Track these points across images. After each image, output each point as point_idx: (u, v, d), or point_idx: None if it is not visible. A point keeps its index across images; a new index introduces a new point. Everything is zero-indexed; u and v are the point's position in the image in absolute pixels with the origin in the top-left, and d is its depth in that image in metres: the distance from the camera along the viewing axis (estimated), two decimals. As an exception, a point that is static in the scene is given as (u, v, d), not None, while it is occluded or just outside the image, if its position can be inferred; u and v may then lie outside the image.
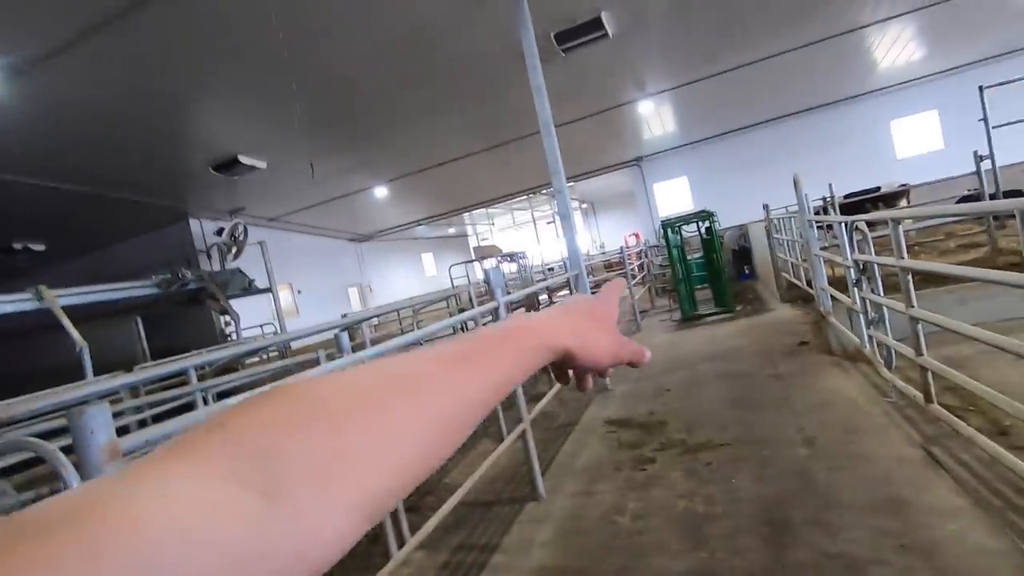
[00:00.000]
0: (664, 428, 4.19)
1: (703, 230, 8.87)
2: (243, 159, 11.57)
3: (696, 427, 4.07)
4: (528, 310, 11.22)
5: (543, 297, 13.00)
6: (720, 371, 5.45)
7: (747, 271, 12.52)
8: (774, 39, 11.09)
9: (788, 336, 6.24)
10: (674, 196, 17.52)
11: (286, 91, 8.58)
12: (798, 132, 15.67)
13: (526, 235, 30.70)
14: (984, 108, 7.29)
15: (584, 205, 28.24)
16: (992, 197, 7.20)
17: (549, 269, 16.28)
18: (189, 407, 4.75)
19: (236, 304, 11.68)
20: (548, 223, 29.24)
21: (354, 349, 3.22)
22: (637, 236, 18.13)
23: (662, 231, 9.17)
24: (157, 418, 5.22)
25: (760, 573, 2.29)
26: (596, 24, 9.19)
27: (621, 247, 12.42)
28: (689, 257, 9.09)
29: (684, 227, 9.15)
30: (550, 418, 5.00)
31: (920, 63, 13.81)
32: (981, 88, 7.45)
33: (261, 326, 13.24)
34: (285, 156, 11.93)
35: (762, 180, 14.71)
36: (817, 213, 6.47)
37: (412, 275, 26.68)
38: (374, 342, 7.37)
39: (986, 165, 7.24)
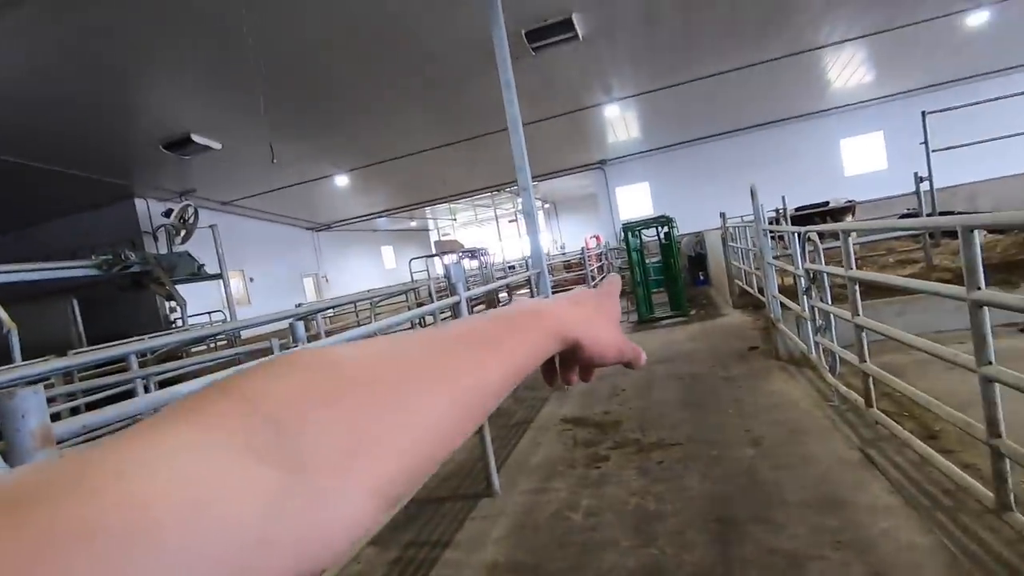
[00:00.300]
0: (618, 427, 4.25)
1: (662, 235, 9.07)
2: (196, 138, 11.09)
3: (649, 427, 4.15)
4: (488, 307, 11.26)
5: (503, 295, 13.03)
6: (674, 373, 5.58)
7: (702, 277, 12.88)
8: (737, 54, 11.45)
9: (739, 341, 6.46)
10: (635, 201, 17.85)
11: (246, 70, 8.27)
12: (755, 145, 16.24)
13: (488, 232, 30.67)
14: (925, 132, 7.73)
15: (547, 205, 28.43)
16: (930, 217, 7.65)
17: (510, 267, 16.32)
18: (128, 395, 4.52)
19: (183, 290, 11.19)
20: (511, 221, 29.30)
21: (309, 340, 3.13)
22: (598, 238, 18.39)
23: (623, 234, 9.33)
24: (92, 406, 4.94)
25: (707, 568, 2.35)
26: (567, 25, 9.25)
27: (582, 248, 12.56)
28: (648, 261, 9.27)
29: (644, 231, 9.34)
30: (507, 415, 5.00)
31: (869, 86, 14.54)
32: (924, 113, 7.90)
33: (209, 313, 12.73)
34: (242, 138, 11.50)
35: (719, 189, 15.17)
36: (770, 224, 6.71)
37: (371, 267, 26.21)
38: (329, 333, 7.20)
39: (925, 186, 7.69)
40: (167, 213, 12.50)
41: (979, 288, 1.88)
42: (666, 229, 8.99)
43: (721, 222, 9.12)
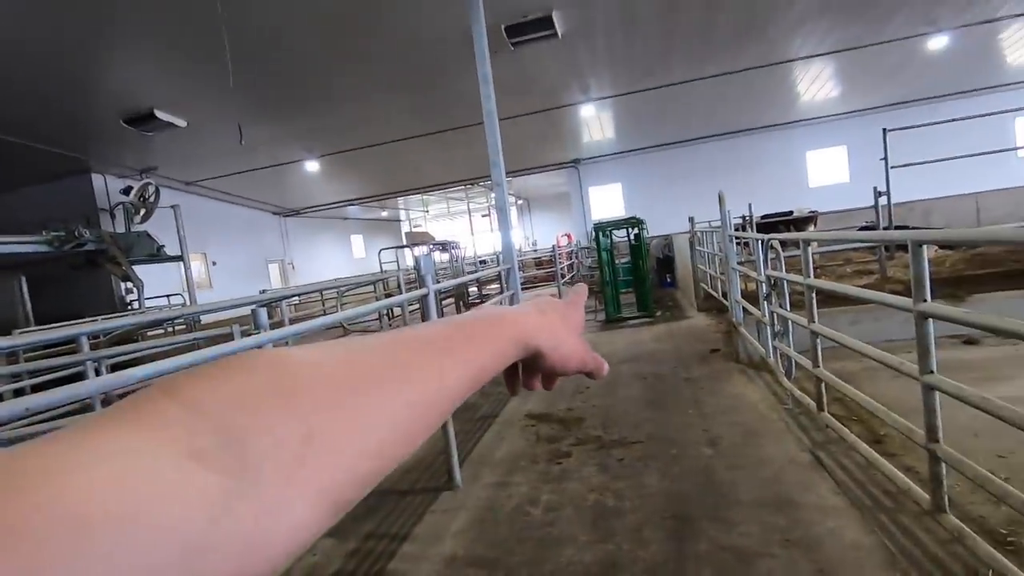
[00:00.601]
0: (581, 424, 4.31)
1: (632, 236, 9.19)
2: (160, 115, 10.69)
3: (612, 424, 4.22)
4: (458, 300, 11.19)
5: (473, 289, 13.01)
6: (637, 372, 5.68)
7: (669, 279, 13.12)
8: (712, 62, 11.67)
9: (701, 343, 6.61)
10: (607, 201, 18.04)
11: (216, 46, 8.00)
12: (725, 152, 16.61)
13: (460, 225, 30.54)
14: (886, 149, 8.05)
15: (520, 201, 28.47)
16: (885, 230, 7.97)
17: (481, 261, 16.29)
18: (78, 377, 4.34)
19: (141, 271, 10.79)
20: (483, 216, 29.24)
21: (272, 327, 3.07)
22: (569, 237, 18.53)
23: (594, 234, 9.42)
24: (38, 388, 4.73)
25: (661, 564, 2.41)
26: (547, 22, 9.26)
27: (553, 246, 12.63)
28: (617, 261, 9.39)
29: (615, 232, 9.44)
30: (472, 409, 5.01)
31: (835, 101, 15.02)
32: (885, 131, 8.21)
33: (168, 296, 12.33)
34: (209, 117, 11.14)
35: (689, 193, 15.46)
36: (737, 230, 6.89)
37: (339, 256, 25.79)
38: (293, 321, 7.06)
39: (883, 201, 8.00)
40: (126, 190, 12.01)
41: (925, 300, 1.98)
42: (636, 231, 9.12)
43: (689, 226, 9.30)
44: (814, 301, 3.09)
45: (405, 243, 21.40)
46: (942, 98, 14.38)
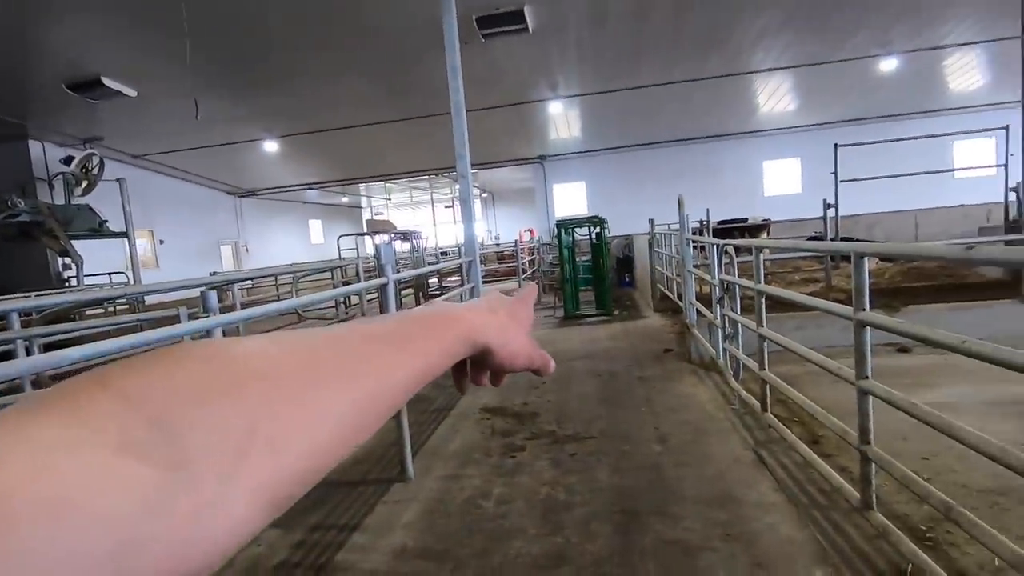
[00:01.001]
0: (536, 419, 4.35)
1: (594, 235, 9.31)
2: (108, 82, 10.11)
3: (565, 420, 4.27)
4: (417, 291, 11.04)
5: (433, 280, 12.91)
6: (593, 369, 5.77)
7: (628, 279, 13.36)
8: (678, 68, 11.92)
9: (656, 343, 6.77)
10: (571, 199, 18.20)
11: (174, 18, 7.62)
12: (686, 157, 17.01)
13: (423, 215, 30.21)
14: (836, 163, 8.42)
15: (485, 194, 28.38)
16: (831, 241, 8.35)
17: (443, 253, 16.17)
18: (6, 357, 4.09)
19: (81, 247, 10.22)
20: (447, 207, 29.02)
21: (222, 311, 2.96)
22: (532, 232, 18.62)
23: (556, 231, 9.49)
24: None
25: (608, 557, 2.47)
26: (518, 16, 9.24)
27: (516, 241, 12.65)
28: (578, 259, 9.50)
29: (577, 230, 9.54)
30: (426, 401, 4.98)
31: (792, 115, 15.60)
32: (836, 146, 8.59)
33: (110, 274, 11.72)
34: (162, 88, 10.61)
35: (651, 196, 15.77)
36: (694, 234, 7.08)
37: (297, 240, 25.10)
38: (245, 306, 6.83)
39: (831, 212, 8.38)
40: (67, 160, 11.33)
41: (864, 309, 2.09)
42: (598, 229, 9.24)
43: (649, 228, 9.50)
44: (763, 306, 3.22)
45: (366, 230, 21.02)
46: (891, 118, 15.14)
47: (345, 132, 14.39)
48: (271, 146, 15.47)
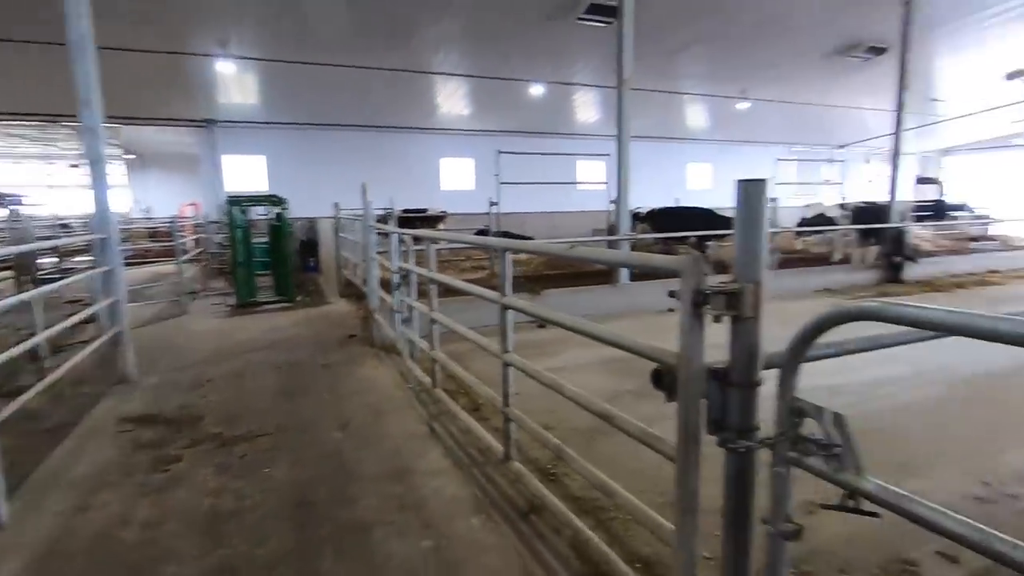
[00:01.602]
0: (198, 423, 3.82)
1: (274, 215, 8.62)
2: None
3: (237, 419, 3.88)
4: (19, 275, 8.34)
5: (47, 260, 9.96)
6: (273, 360, 5.38)
7: (312, 263, 12.84)
8: (361, 52, 11.89)
9: (340, 328, 6.72)
10: (248, 173, 16.37)
11: None
12: (372, 144, 17.18)
13: (34, 173, 22.83)
14: (498, 167, 9.79)
15: (132, 156, 23.05)
16: (494, 234, 9.71)
17: (63, 225, 12.55)
18: None
19: None
20: (72, 166, 22.58)
21: None
22: (196, 206, 16.06)
23: (227, 207, 8.43)
24: None
25: (283, 557, 2.36)
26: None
27: (174, 216, 10.75)
28: (254, 241, 8.64)
29: (253, 208, 8.67)
30: (35, 419, 3.84)
31: (467, 119, 17.39)
32: (499, 152, 9.98)
33: None
34: None
35: (336, 179, 15.42)
36: (378, 221, 7.26)
37: None
38: None
39: (495, 209, 9.73)
40: None
41: (505, 295, 2.51)
42: (278, 209, 8.59)
43: (335, 212, 9.31)
44: (435, 292, 3.53)
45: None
46: (540, 134, 18.30)
47: None
48: None
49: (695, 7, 10.94)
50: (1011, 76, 14.85)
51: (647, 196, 15.81)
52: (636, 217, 11.88)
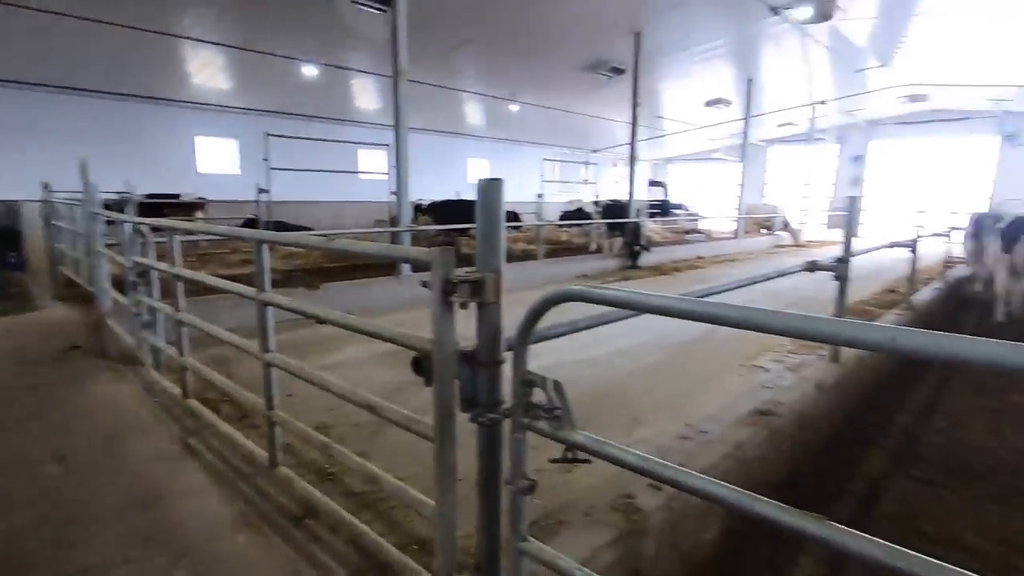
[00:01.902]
0: None
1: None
2: None
3: None
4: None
5: None
6: (-54, 388, 4.12)
7: (14, 259, 10.16)
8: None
9: (58, 339, 5.45)
10: None
11: None
12: (97, 114, 14.12)
13: None
14: (267, 151, 8.95)
15: None
16: (266, 223, 8.87)
17: None
18: None
19: None
20: None
21: None
22: None
23: None
24: None
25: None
26: None
27: None
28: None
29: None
30: None
31: (228, 94, 15.44)
32: (267, 135, 9.12)
33: None
34: None
35: (46, 154, 12.37)
36: (111, 207, 6.02)
37: None
38: None
39: (264, 197, 8.88)
40: None
41: (264, 291, 2.34)
42: (-49, 191, 6.54)
43: (44, 194, 7.47)
44: (180, 290, 3.10)
45: None
46: (315, 118, 17.16)
47: None
48: None
49: (463, 10, 11.37)
50: (709, 103, 18.82)
51: (430, 188, 16.13)
52: (418, 209, 12.03)
